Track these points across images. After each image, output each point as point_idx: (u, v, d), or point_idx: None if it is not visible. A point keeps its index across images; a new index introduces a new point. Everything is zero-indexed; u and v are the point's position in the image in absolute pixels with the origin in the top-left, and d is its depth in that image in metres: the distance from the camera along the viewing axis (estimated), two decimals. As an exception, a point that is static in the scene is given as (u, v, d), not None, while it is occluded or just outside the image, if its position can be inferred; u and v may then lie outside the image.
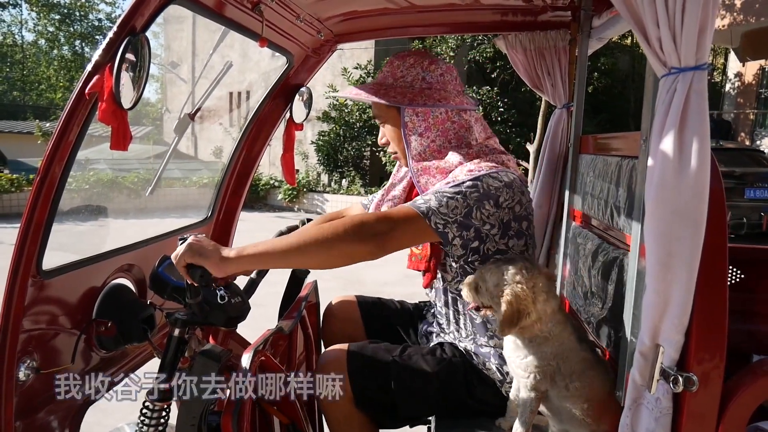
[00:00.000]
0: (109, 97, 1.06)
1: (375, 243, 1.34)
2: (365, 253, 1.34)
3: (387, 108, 1.62)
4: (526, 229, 1.53)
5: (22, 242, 1.17)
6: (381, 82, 1.62)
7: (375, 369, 1.56)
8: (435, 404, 1.60)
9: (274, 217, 11.52)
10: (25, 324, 1.23)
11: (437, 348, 1.65)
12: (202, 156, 17.66)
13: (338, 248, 1.32)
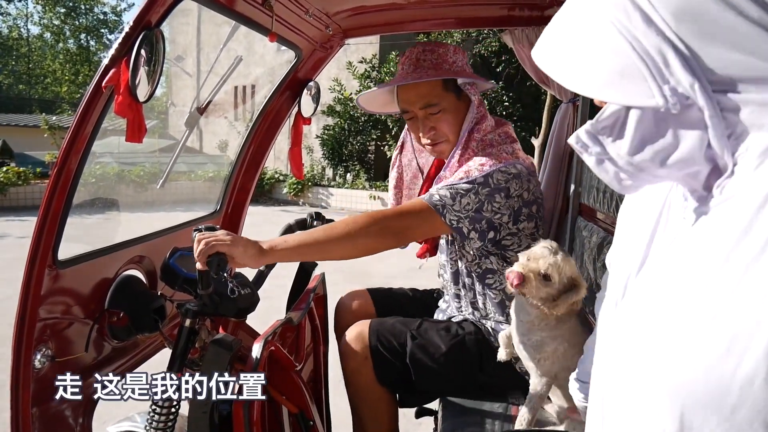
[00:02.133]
0: (125, 90, 1.09)
1: (394, 239, 1.49)
2: (386, 247, 1.48)
3: (444, 93, 1.62)
4: (536, 212, 1.62)
5: (39, 232, 1.20)
6: (417, 66, 1.63)
7: (394, 343, 1.65)
8: (449, 378, 1.66)
9: (279, 211, 11.55)
10: (41, 313, 1.26)
11: (453, 324, 1.72)
12: (208, 150, 17.70)
13: (362, 243, 1.44)
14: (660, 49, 0.53)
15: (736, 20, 0.52)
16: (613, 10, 0.55)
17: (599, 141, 0.58)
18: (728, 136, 0.54)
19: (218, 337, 1.34)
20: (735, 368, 0.48)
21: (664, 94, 0.53)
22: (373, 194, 11.89)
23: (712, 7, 0.52)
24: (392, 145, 12.13)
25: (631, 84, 0.54)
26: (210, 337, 1.44)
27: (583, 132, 0.59)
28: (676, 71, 0.53)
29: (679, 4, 0.53)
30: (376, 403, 1.70)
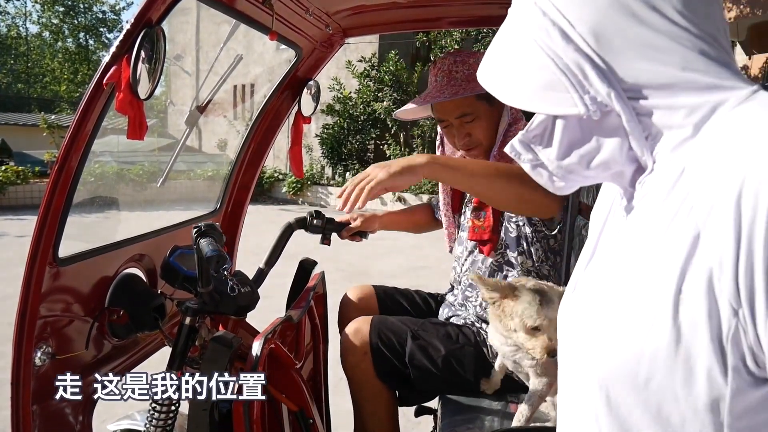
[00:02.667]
0: (126, 87, 1.09)
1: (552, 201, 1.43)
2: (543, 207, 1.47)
3: (478, 103, 1.65)
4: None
5: (39, 230, 1.20)
6: (450, 79, 1.65)
7: (394, 341, 1.65)
8: (447, 379, 1.67)
9: (278, 210, 11.56)
10: (42, 310, 1.26)
11: (454, 327, 1.73)
12: (207, 149, 17.70)
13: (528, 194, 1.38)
14: (578, 63, 0.59)
15: (645, 33, 0.58)
16: (536, 30, 0.62)
17: (531, 149, 0.66)
18: (646, 137, 0.61)
19: (218, 335, 1.34)
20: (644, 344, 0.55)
21: (585, 103, 0.59)
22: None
23: (623, 23, 0.58)
24: (391, 144, 12.13)
25: (556, 95, 0.61)
26: (210, 335, 1.44)
27: (517, 141, 0.66)
28: (594, 82, 0.59)
29: (594, 22, 0.59)
30: (375, 398, 1.71)
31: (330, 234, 1.91)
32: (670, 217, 0.56)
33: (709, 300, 0.51)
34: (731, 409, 0.52)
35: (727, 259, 0.50)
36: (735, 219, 0.49)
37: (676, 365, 0.53)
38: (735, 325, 0.50)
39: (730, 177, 0.50)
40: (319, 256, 1.99)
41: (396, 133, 12.57)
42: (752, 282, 0.48)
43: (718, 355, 0.51)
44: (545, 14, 0.61)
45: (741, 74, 0.60)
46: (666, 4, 0.58)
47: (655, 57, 0.58)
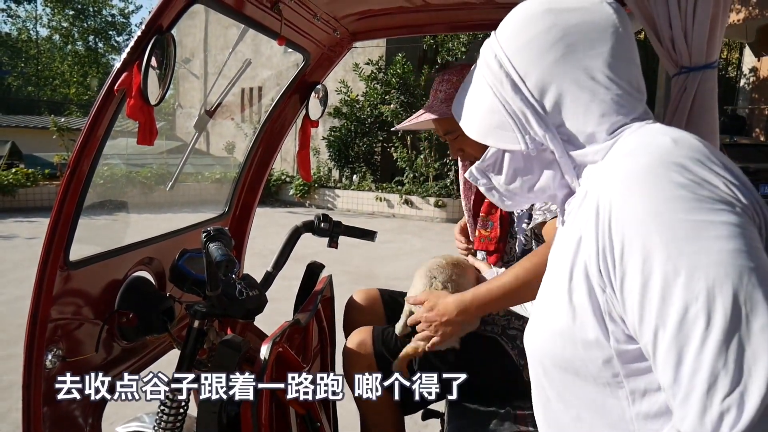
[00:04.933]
0: (137, 93, 1.10)
1: None
2: None
3: (446, 121, 1.65)
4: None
5: (51, 234, 1.21)
6: (429, 106, 1.67)
7: (398, 349, 1.64)
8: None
9: (285, 213, 11.58)
10: (53, 313, 1.28)
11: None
12: (215, 151, 17.76)
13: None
14: (522, 110, 0.76)
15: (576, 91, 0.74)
16: (493, 78, 0.79)
17: (486, 175, 0.85)
18: (574, 167, 0.77)
19: (227, 338, 1.35)
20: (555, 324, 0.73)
21: (526, 141, 0.77)
22: (379, 196, 11.89)
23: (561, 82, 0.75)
24: (398, 147, 12.13)
25: (504, 134, 0.78)
26: (218, 338, 1.45)
27: (474, 169, 0.85)
28: (534, 126, 0.76)
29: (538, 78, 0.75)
30: (381, 408, 1.70)
31: (337, 237, 1.91)
32: (572, 228, 0.73)
33: (587, 284, 0.68)
34: (620, 362, 0.68)
35: (592, 253, 0.67)
36: (595, 224, 0.66)
37: (576, 337, 0.70)
38: (606, 301, 0.67)
39: (595, 194, 0.68)
40: (327, 258, 2.00)
41: (403, 135, 12.57)
42: (607, 268, 0.65)
43: (601, 324, 0.68)
44: (501, 66, 0.77)
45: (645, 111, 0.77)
46: (595, 68, 0.74)
47: (581, 111, 0.74)
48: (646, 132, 0.71)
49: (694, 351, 0.58)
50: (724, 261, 0.58)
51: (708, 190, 0.61)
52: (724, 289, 0.57)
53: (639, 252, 0.61)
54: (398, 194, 11.60)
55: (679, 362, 0.59)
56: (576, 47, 0.74)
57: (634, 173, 0.64)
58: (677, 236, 0.59)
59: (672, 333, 0.59)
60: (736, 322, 0.57)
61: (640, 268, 0.61)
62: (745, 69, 14.42)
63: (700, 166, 0.62)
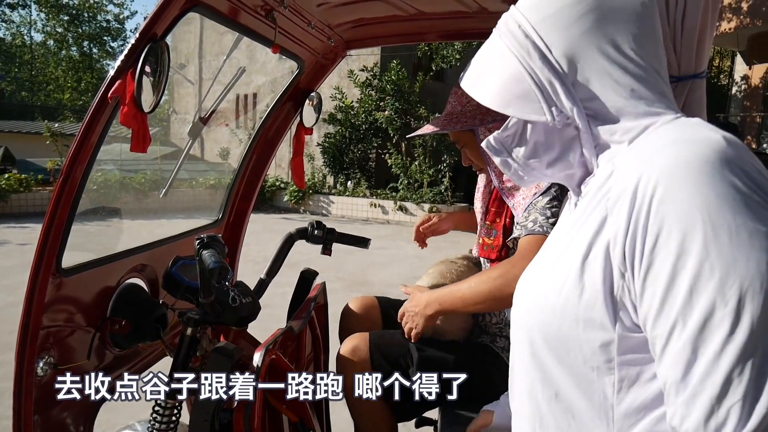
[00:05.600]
0: (131, 101, 1.10)
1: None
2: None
3: (462, 133, 1.70)
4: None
5: (43, 241, 1.21)
6: (450, 112, 1.70)
7: (393, 355, 1.66)
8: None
9: (279, 219, 11.56)
10: (45, 320, 1.27)
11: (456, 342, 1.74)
12: (209, 157, 17.74)
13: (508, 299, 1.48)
14: (550, 80, 0.73)
15: (605, 64, 0.72)
16: (519, 48, 0.75)
17: (504, 146, 0.81)
18: (594, 146, 0.75)
19: (219, 346, 1.35)
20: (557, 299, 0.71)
21: (552, 113, 0.73)
22: (373, 202, 11.90)
23: (590, 53, 0.72)
24: (393, 153, 12.15)
25: (529, 104, 0.74)
26: (211, 346, 1.45)
27: (493, 138, 0.81)
28: (562, 98, 0.73)
29: (567, 49, 0.73)
30: (375, 415, 1.70)
31: (331, 244, 1.92)
32: (593, 206, 0.71)
33: (605, 265, 0.67)
34: (618, 349, 0.67)
35: (620, 234, 0.64)
36: (630, 205, 0.64)
37: (579, 315, 0.69)
38: (622, 286, 0.65)
39: (633, 175, 0.65)
40: (320, 265, 2.00)
41: (398, 142, 12.60)
42: (633, 252, 0.63)
43: (610, 308, 0.67)
44: (527, 36, 0.75)
45: (672, 102, 0.75)
46: (624, 42, 0.72)
47: (610, 84, 0.72)
48: (691, 124, 0.68)
49: (712, 354, 0.58)
50: (763, 274, 0.57)
51: (761, 198, 0.60)
52: (756, 300, 0.57)
53: (676, 243, 0.60)
54: (393, 201, 11.62)
55: (693, 362, 0.59)
56: (607, 19, 0.72)
57: (689, 163, 0.61)
58: (721, 237, 0.58)
59: (692, 331, 0.59)
60: (761, 335, 0.56)
61: (673, 260, 0.60)
62: (736, 77, 14.55)
63: (755, 171, 0.61)
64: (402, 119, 12.36)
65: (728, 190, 0.59)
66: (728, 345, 0.57)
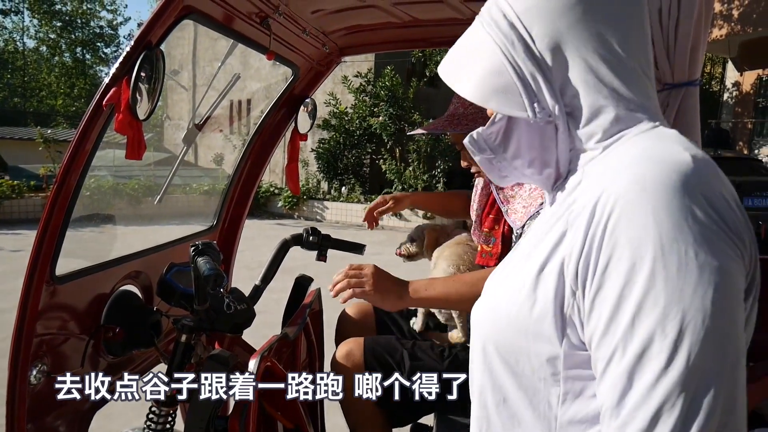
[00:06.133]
0: (126, 108, 1.10)
1: None
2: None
3: (463, 135, 1.68)
4: None
5: (38, 248, 1.20)
6: (453, 113, 1.70)
7: (389, 360, 1.66)
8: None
9: (274, 225, 11.54)
10: (38, 328, 1.26)
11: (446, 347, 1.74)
12: (203, 163, 17.70)
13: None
14: (534, 74, 0.69)
15: (591, 59, 0.68)
16: (502, 38, 0.71)
17: (488, 143, 0.76)
18: (570, 150, 0.72)
19: (215, 353, 1.34)
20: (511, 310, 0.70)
21: (534, 109, 0.69)
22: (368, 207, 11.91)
23: (577, 47, 0.68)
24: (387, 159, 12.17)
25: (509, 98, 0.70)
26: (206, 353, 1.44)
27: (476, 134, 0.76)
28: (545, 93, 0.69)
29: (552, 42, 0.69)
30: (370, 421, 1.71)
31: (326, 250, 1.92)
32: (557, 216, 0.69)
33: (558, 281, 0.65)
34: (564, 363, 0.66)
35: (576, 252, 0.63)
36: (587, 223, 0.62)
37: (529, 328, 0.68)
38: (572, 304, 0.64)
39: (596, 191, 0.63)
40: (315, 271, 2.00)
41: (392, 147, 12.62)
42: (586, 272, 0.62)
43: (559, 324, 0.66)
44: (513, 26, 0.70)
45: (656, 106, 0.71)
46: (611, 38, 0.68)
47: (593, 82, 0.68)
48: (665, 138, 0.66)
49: (646, 385, 0.57)
50: (706, 311, 0.56)
51: (722, 231, 0.58)
52: (695, 336, 0.56)
53: (625, 269, 0.58)
54: (387, 206, 11.62)
55: (628, 390, 0.58)
56: (595, 12, 0.68)
57: (649, 186, 0.59)
58: (670, 268, 0.57)
59: (631, 359, 0.58)
60: (696, 371, 0.56)
61: (621, 286, 0.59)
62: (728, 83, 14.68)
63: (720, 199, 0.59)
64: (396, 125, 12.38)
65: (685, 219, 0.57)
66: (662, 378, 0.56)
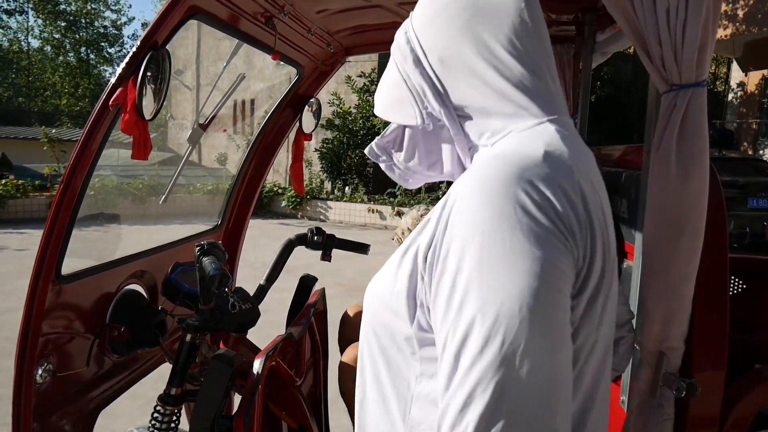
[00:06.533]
0: (132, 108, 1.10)
1: None
2: None
3: None
4: None
5: (44, 248, 1.20)
6: None
7: None
8: None
9: (277, 224, 11.55)
10: (44, 328, 1.27)
11: None
12: (206, 163, 17.73)
13: None
14: (421, 84, 0.75)
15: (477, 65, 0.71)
16: (399, 54, 0.78)
17: (386, 151, 0.83)
18: (469, 148, 0.75)
19: (219, 353, 1.34)
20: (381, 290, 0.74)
21: (423, 116, 0.75)
22: (371, 207, 11.90)
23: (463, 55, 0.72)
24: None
25: (404, 109, 0.77)
26: (210, 352, 1.44)
27: (374, 145, 0.83)
28: (431, 100, 0.74)
29: (441, 51, 0.73)
30: None
31: (330, 250, 1.91)
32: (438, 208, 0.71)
33: (414, 266, 0.69)
34: (418, 344, 0.69)
35: (427, 239, 0.67)
36: (440, 213, 0.66)
37: (391, 305, 0.71)
38: (422, 289, 0.67)
39: (457, 184, 0.67)
40: (319, 270, 2.00)
41: (395, 147, 12.59)
42: (432, 260, 0.65)
43: (411, 306, 0.69)
44: (408, 41, 0.77)
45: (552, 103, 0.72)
46: (495, 43, 0.71)
47: (479, 86, 0.72)
48: (535, 134, 0.69)
49: (464, 368, 0.59)
50: (522, 298, 0.57)
51: (546, 218, 0.60)
52: (510, 323, 0.57)
53: (457, 257, 0.61)
54: (390, 206, 11.62)
55: (453, 373, 0.60)
56: (478, 19, 0.72)
57: (487, 178, 0.63)
58: (493, 256, 0.59)
59: (456, 344, 0.60)
60: (508, 357, 0.57)
61: (453, 273, 0.61)
62: (732, 83, 14.62)
63: (552, 190, 0.61)
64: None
65: (513, 210, 0.59)
66: (477, 362, 0.58)
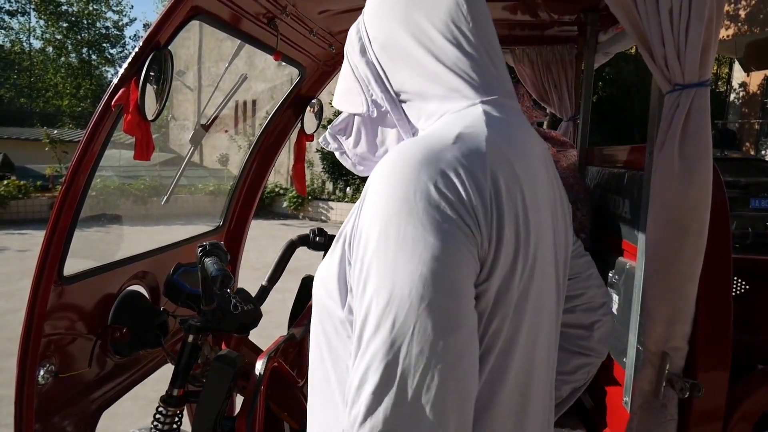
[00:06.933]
0: (134, 109, 1.10)
1: None
2: None
3: None
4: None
5: (46, 249, 1.20)
6: None
7: None
8: None
9: (279, 225, 11.55)
10: (46, 329, 1.27)
11: None
12: (208, 163, 17.73)
13: None
14: (366, 72, 0.77)
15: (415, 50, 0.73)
16: (349, 45, 0.80)
17: (337, 139, 0.85)
18: (413, 133, 0.76)
19: (221, 354, 1.34)
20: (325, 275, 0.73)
21: (368, 103, 0.77)
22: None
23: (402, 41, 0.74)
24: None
25: (352, 97, 0.79)
26: (212, 353, 1.44)
27: (327, 134, 0.85)
28: (374, 87, 0.76)
29: (383, 39, 0.76)
30: None
31: None
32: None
33: (342, 249, 0.70)
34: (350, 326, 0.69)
35: (351, 225, 0.69)
36: (361, 202, 0.67)
37: (328, 286, 0.72)
38: (347, 271, 0.68)
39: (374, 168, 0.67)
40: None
41: (397, 148, 12.59)
42: (352, 243, 0.66)
43: (342, 290, 0.70)
44: (357, 33, 0.79)
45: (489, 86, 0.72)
46: (430, 28, 0.73)
47: (417, 70, 0.73)
48: (456, 118, 0.69)
49: (363, 348, 0.61)
50: (414, 283, 0.59)
51: (446, 203, 0.60)
52: (401, 305, 0.59)
53: (364, 242, 0.63)
54: (392, 207, 11.63)
55: (356, 353, 0.62)
56: (417, 3, 0.74)
57: (395, 164, 0.64)
58: (390, 239, 0.60)
59: (359, 324, 0.62)
60: (397, 338, 0.59)
61: (361, 255, 0.63)
62: (735, 84, 14.60)
63: (455, 174, 0.62)
64: (401, 125, 12.37)
65: (413, 195, 0.60)
66: (371, 341, 0.60)
